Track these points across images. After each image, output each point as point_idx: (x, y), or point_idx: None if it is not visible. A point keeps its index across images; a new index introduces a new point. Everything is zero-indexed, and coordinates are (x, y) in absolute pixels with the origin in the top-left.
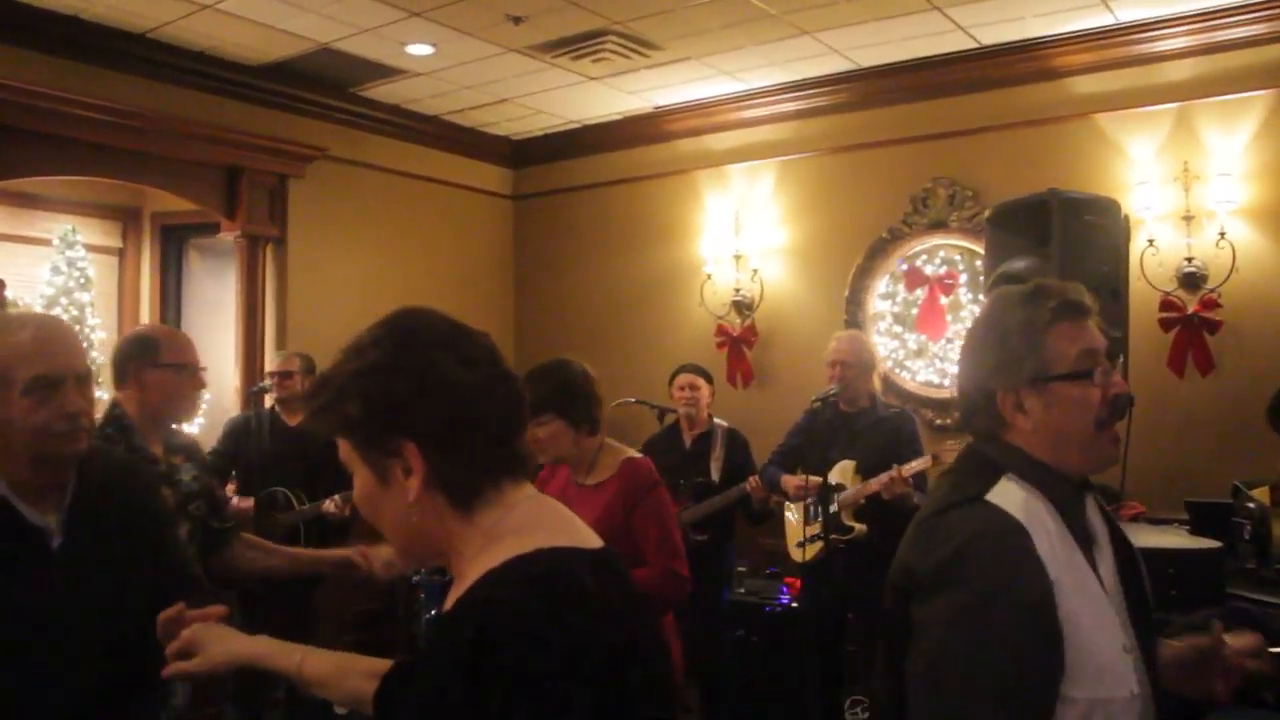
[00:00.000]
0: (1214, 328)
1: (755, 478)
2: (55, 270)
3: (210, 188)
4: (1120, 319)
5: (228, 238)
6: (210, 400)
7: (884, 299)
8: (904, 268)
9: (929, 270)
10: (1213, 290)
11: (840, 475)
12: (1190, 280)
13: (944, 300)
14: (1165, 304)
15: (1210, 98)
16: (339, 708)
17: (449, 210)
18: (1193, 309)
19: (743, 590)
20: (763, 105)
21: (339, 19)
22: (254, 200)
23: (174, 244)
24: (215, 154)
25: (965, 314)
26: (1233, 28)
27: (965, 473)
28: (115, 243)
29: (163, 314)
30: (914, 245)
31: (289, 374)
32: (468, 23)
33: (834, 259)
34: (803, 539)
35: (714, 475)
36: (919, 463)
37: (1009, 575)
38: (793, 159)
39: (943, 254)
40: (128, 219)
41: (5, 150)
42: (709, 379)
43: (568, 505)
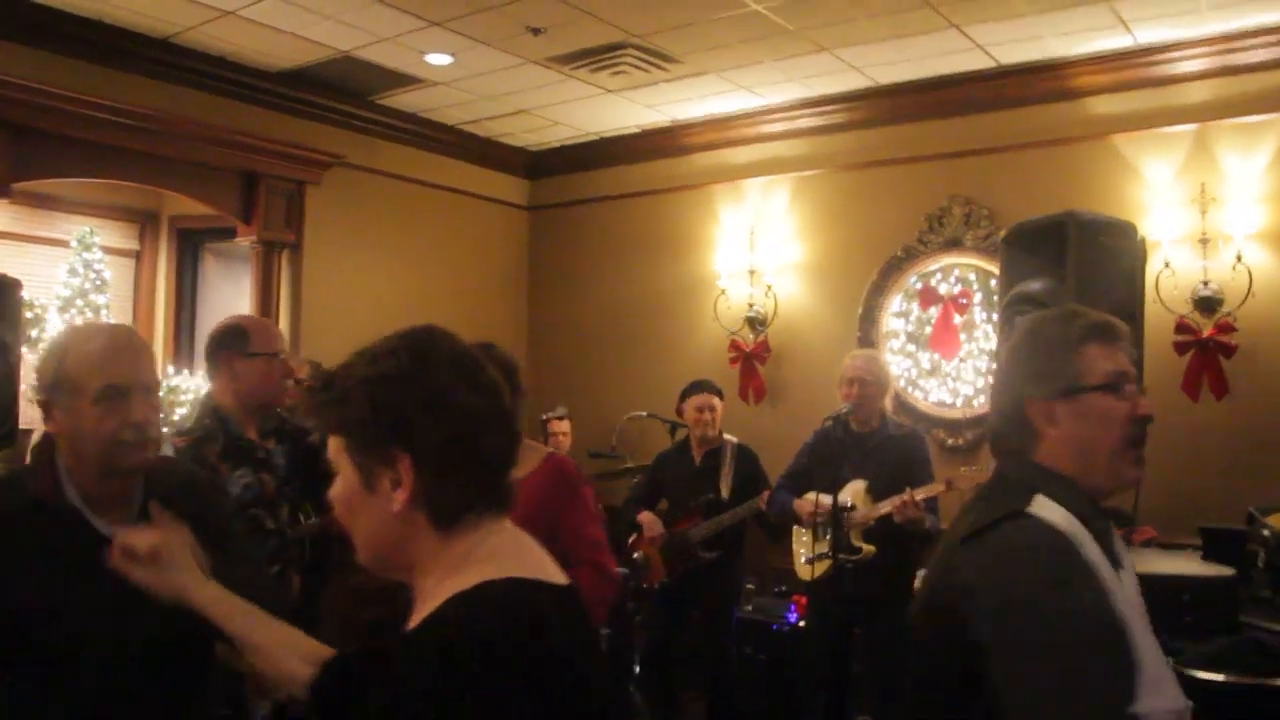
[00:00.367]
0: (1229, 352)
1: (768, 492)
2: (72, 272)
3: (228, 192)
4: (1135, 342)
5: (244, 243)
6: None
7: (898, 317)
8: (918, 286)
9: (943, 289)
10: (1228, 314)
11: (851, 495)
12: (1206, 304)
13: (958, 319)
14: (1181, 327)
15: (1228, 120)
16: None
17: (465, 220)
18: (1208, 333)
19: (750, 608)
20: (780, 121)
21: (359, 27)
22: (271, 206)
23: (190, 248)
24: (233, 159)
25: (979, 334)
26: (1251, 50)
27: (1000, 492)
28: (132, 245)
29: (178, 317)
30: (929, 264)
31: (299, 381)
32: (487, 33)
33: (848, 276)
34: (810, 556)
35: (724, 492)
36: (932, 487)
37: (1076, 586)
38: (809, 175)
39: (957, 273)
40: (145, 222)
41: (24, 151)
42: (720, 395)
43: None
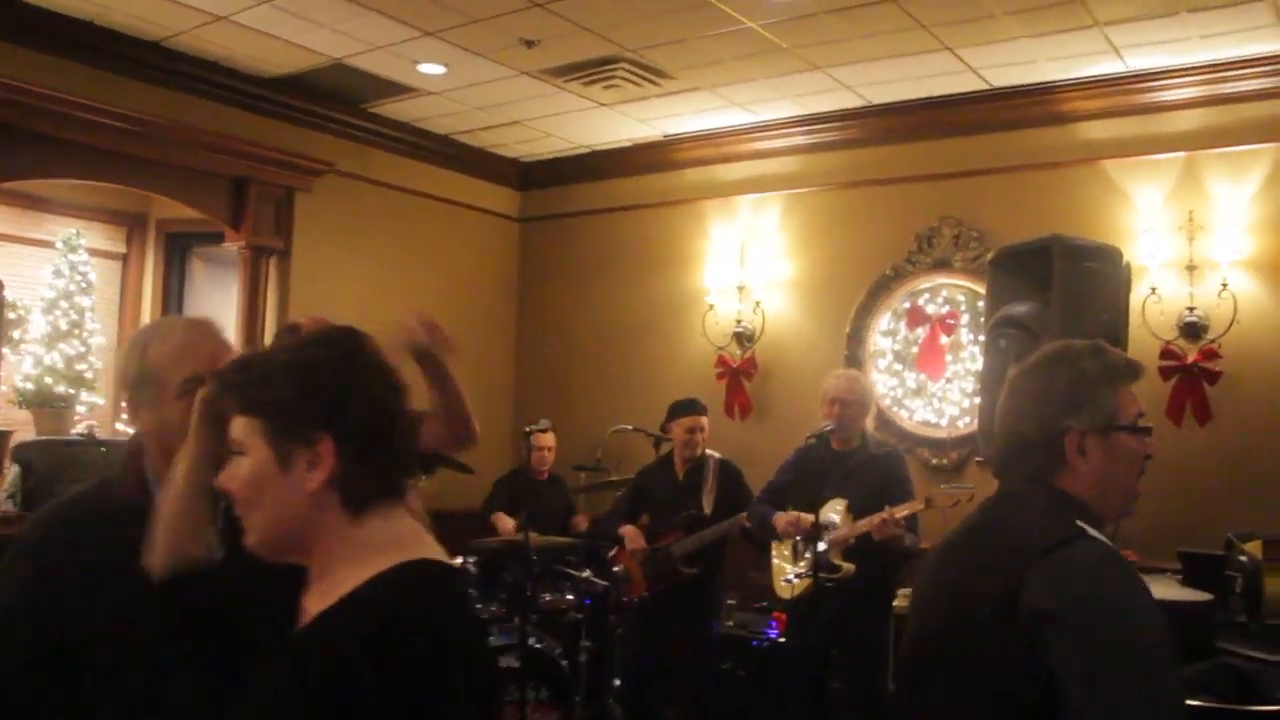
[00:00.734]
0: (1213, 378)
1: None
2: (57, 273)
3: (217, 197)
4: None
5: (232, 248)
6: None
7: (885, 336)
8: (906, 305)
9: (931, 309)
10: (1213, 341)
11: (831, 514)
12: (1191, 330)
13: (945, 340)
14: (1165, 353)
15: (1217, 149)
16: None
17: (455, 230)
18: (1193, 359)
19: (731, 623)
20: (772, 138)
21: (353, 35)
22: (260, 212)
23: (178, 252)
24: (223, 164)
25: (965, 354)
26: (1241, 80)
27: (1048, 511)
28: (119, 248)
29: None
30: (917, 283)
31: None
32: (481, 44)
33: (837, 294)
34: (789, 576)
35: (706, 508)
36: (912, 505)
37: (1152, 609)
38: (800, 192)
39: (945, 293)
40: (133, 225)
41: (12, 152)
42: (705, 412)
43: None
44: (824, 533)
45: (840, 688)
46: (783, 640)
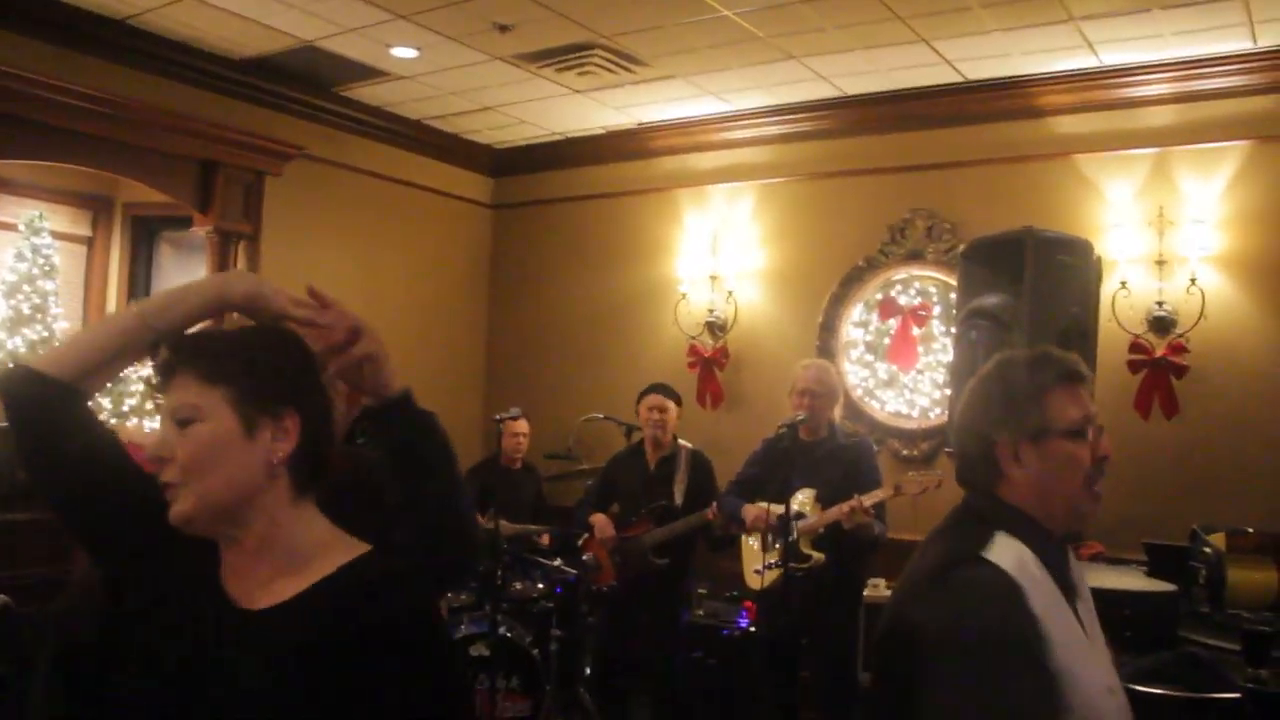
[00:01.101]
0: (1181, 372)
1: (716, 506)
2: (19, 256)
3: (185, 180)
4: (1088, 359)
5: (200, 232)
6: None
7: (857, 327)
8: (879, 297)
9: (903, 300)
10: (1181, 335)
11: (800, 504)
12: (1160, 324)
13: (917, 331)
14: (1134, 346)
15: (1188, 145)
16: None
17: (427, 216)
18: (1161, 352)
19: (701, 612)
20: (746, 127)
21: (324, 17)
22: (229, 195)
23: (145, 235)
24: (191, 146)
25: (937, 346)
26: (1212, 78)
27: (961, 528)
28: (85, 231)
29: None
30: (890, 275)
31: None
32: (454, 28)
33: (809, 284)
34: (760, 567)
35: (677, 499)
36: (880, 493)
37: (1014, 634)
38: (773, 182)
39: (918, 285)
40: (99, 208)
41: None
42: (678, 401)
43: None
44: (793, 523)
45: (811, 676)
46: (753, 629)
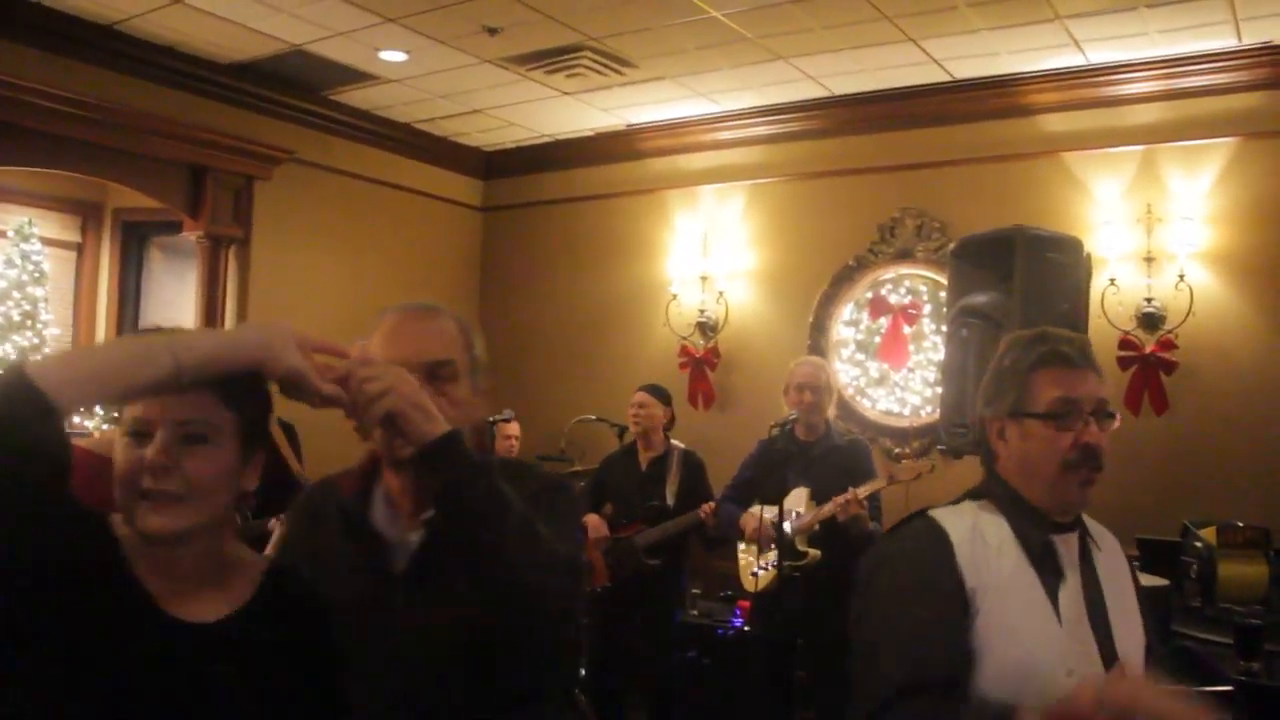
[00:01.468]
0: (1170, 368)
1: (709, 505)
2: (8, 263)
3: (174, 186)
4: None
5: (190, 237)
6: None
7: (848, 326)
8: (869, 296)
9: (893, 299)
10: (1170, 331)
11: (796, 502)
12: (1149, 320)
13: (907, 330)
14: (1124, 343)
15: (1175, 142)
16: None
17: (417, 219)
18: (1150, 349)
19: (695, 612)
20: (735, 128)
21: (312, 21)
22: (218, 200)
23: (135, 241)
24: (181, 152)
25: (928, 344)
26: (1198, 75)
27: (958, 498)
28: (74, 237)
29: (121, 312)
30: (880, 274)
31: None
32: (443, 31)
33: (800, 284)
34: (755, 569)
35: (669, 499)
36: (874, 484)
37: (919, 568)
38: (763, 183)
39: (908, 284)
40: (88, 214)
41: None
42: (664, 399)
43: None
44: (789, 521)
45: (806, 676)
46: (747, 629)
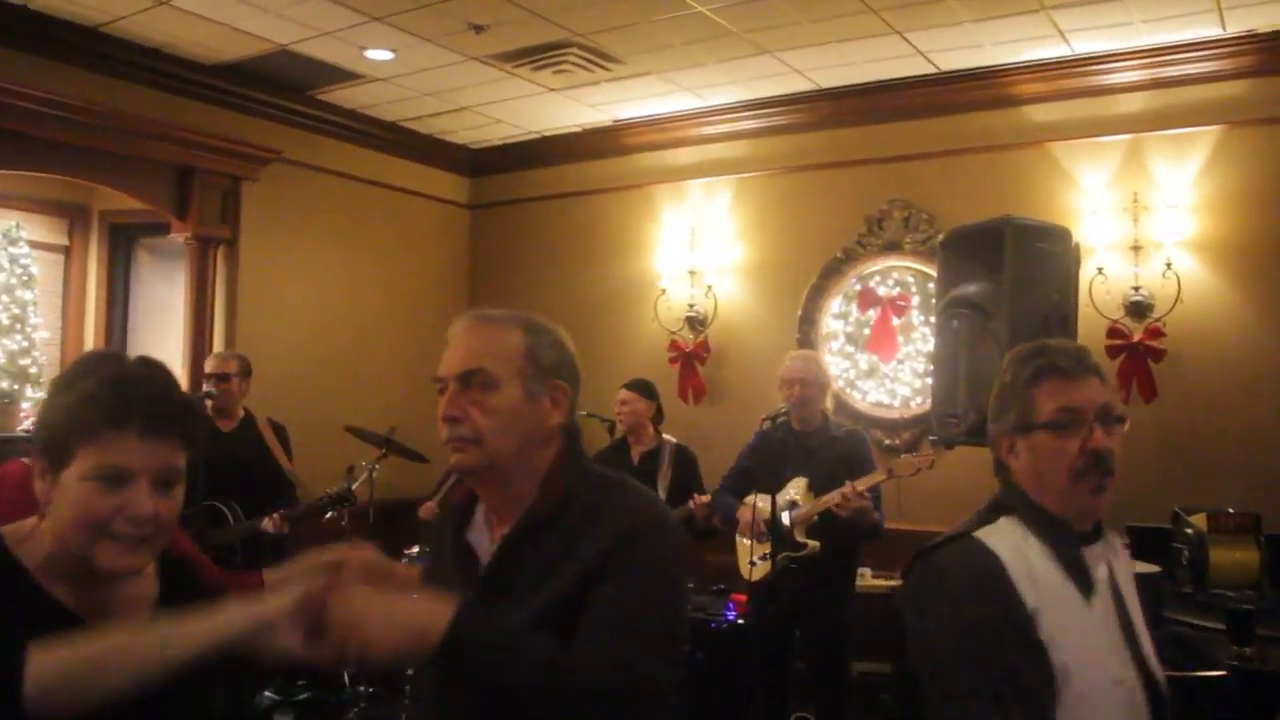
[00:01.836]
0: (1158, 356)
1: (699, 497)
2: None
3: (161, 187)
4: None
5: (178, 238)
6: None
7: (837, 319)
8: (857, 288)
9: (882, 291)
10: (1158, 319)
11: (793, 492)
12: (1137, 309)
13: (896, 322)
14: (1112, 331)
15: (1160, 131)
16: None
17: (405, 217)
18: (1138, 337)
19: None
20: (722, 122)
21: (298, 21)
22: (206, 201)
23: (123, 243)
24: (167, 153)
25: (917, 335)
26: (1183, 64)
27: (982, 510)
28: (62, 240)
29: (109, 314)
30: (868, 266)
31: (226, 376)
32: (429, 29)
33: (788, 277)
34: (754, 558)
35: (661, 493)
36: (873, 476)
37: (987, 597)
38: (750, 177)
39: (896, 275)
40: (75, 216)
41: None
42: (647, 394)
43: None
44: (786, 511)
45: (804, 667)
46: (741, 622)
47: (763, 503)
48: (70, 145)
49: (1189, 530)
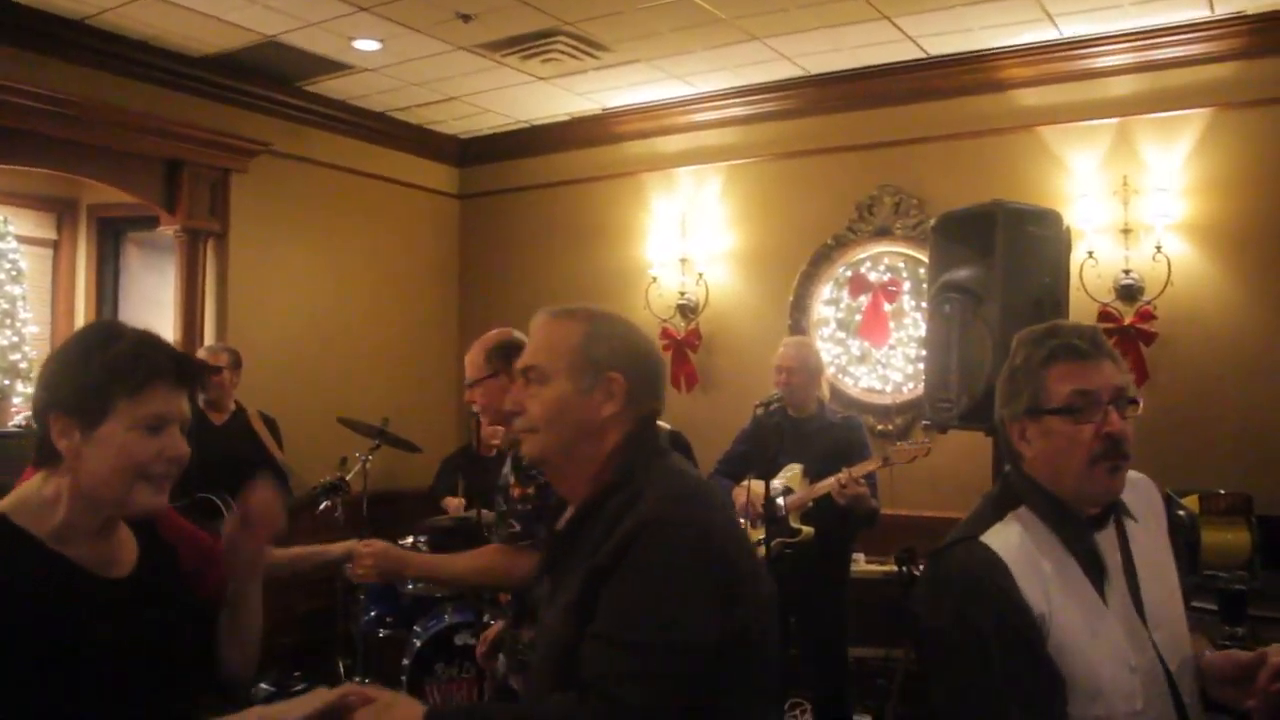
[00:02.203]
0: (1149, 339)
1: None
2: None
3: (150, 180)
4: None
5: (167, 232)
6: None
7: (828, 305)
8: (848, 274)
9: (873, 277)
10: (1149, 302)
11: (787, 479)
12: (1127, 292)
13: (887, 307)
14: (1103, 315)
15: (1149, 114)
16: None
17: (395, 208)
18: (1129, 320)
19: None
20: (711, 109)
21: (285, 11)
22: (195, 194)
23: (111, 237)
24: (156, 146)
25: (908, 321)
26: (1171, 47)
27: (988, 501)
28: (50, 234)
29: (99, 309)
30: (859, 252)
31: (217, 369)
32: (416, 19)
33: (779, 264)
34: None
35: None
36: (868, 464)
37: (990, 604)
38: (740, 163)
39: (887, 261)
40: (63, 210)
41: None
42: None
43: None
44: (782, 498)
45: (799, 653)
46: None
47: (758, 486)
48: (57, 139)
49: (1181, 512)
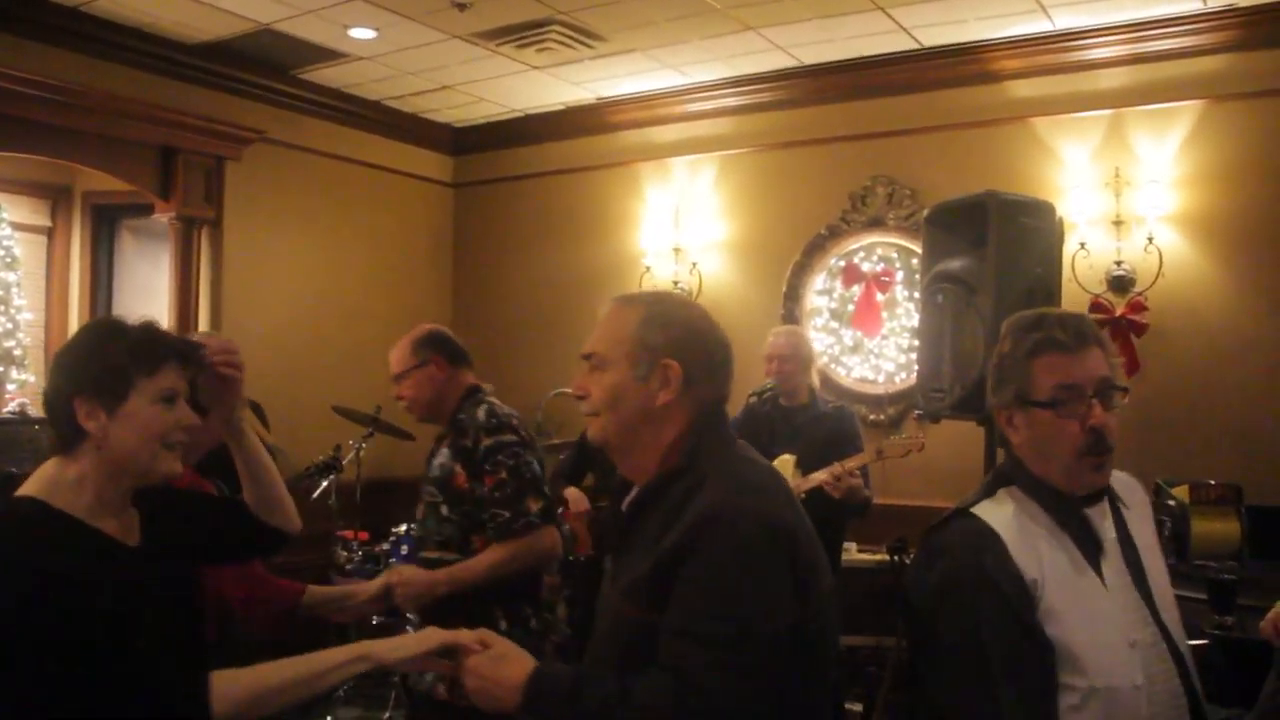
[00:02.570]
0: (1140, 330)
1: None
2: None
3: (144, 168)
4: None
5: (162, 219)
6: None
7: (821, 295)
8: (841, 264)
9: (866, 267)
10: (1140, 294)
11: (780, 469)
12: (1119, 283)
13: (880, 297)
14: (1095, 306)
15: (1141, 106)
16: None
17: (389, 197)
18: (1121, 311)
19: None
20: (705, 99)
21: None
22: (189, 181)
23: (106, 224)
24: (150, 133)
25: (901, 311)
26: (1163, 39)
27: (984, 483)
28: (44, 221)
29: (93, 296)
30: (852, 242)
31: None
32: (411, 7)
33: (772, 254)
34: None
35: None
36: (861, 456)
37: (984, 575)
38: (734, 154)
39: (880, 251)
40: (57, 197)
41: None
42: None
43: None
44: None
45: None
46: None
47: None
48: (52, 126)
49: (1171, 502)
